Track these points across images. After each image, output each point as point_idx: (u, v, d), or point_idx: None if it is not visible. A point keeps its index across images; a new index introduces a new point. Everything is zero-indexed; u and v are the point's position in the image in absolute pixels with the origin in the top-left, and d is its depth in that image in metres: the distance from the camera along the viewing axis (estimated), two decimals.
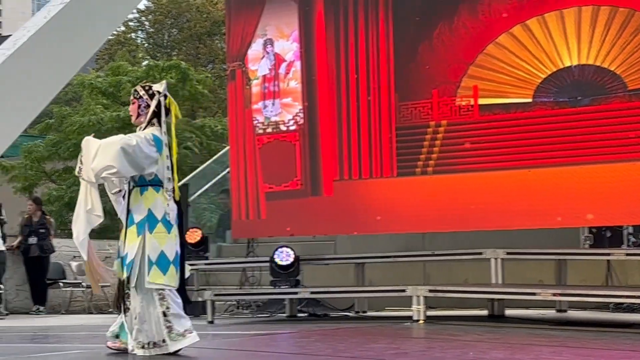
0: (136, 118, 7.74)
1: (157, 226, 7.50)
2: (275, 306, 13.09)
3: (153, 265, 7.44)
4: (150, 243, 7.45)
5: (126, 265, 7.47)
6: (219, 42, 43.00)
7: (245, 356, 7.77)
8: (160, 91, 7.72)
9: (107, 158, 7.36)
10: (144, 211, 7.53)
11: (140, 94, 7.75)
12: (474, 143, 11.47)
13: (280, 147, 13.09)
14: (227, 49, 13.87)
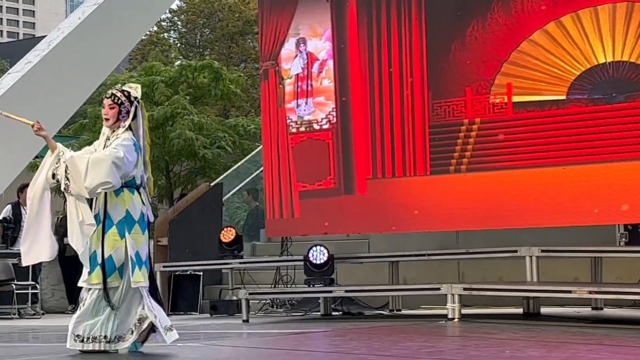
0: (114, 122, 7.83)
1: (134, 227, 7.61)
2: (310, 305, 13.10)
3: (135, 264, 7.53)
4: (129, 243, 7.55)
5: (117, 268, 7.59)
6: (251, 42, 43.07)
7: (281, 355, 7.78)
8: (138, 97, 7.89)
9: (101, 175, 7.48)
10: (122, 212, 7.61)
11: (121, 99, 7.85)
12: (508, 141, 11.43)
13: (314, 146, 13.11)
14: (260, 48, 13.90)
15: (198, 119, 22.83)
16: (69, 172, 7.62)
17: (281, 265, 13.51)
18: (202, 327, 11.43)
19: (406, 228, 12.47)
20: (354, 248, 13.90)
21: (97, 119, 23.64)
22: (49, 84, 15.65)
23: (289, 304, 13.51)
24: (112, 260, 7.62)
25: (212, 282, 14.77)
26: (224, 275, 14.73)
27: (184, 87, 24.10)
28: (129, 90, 7.94)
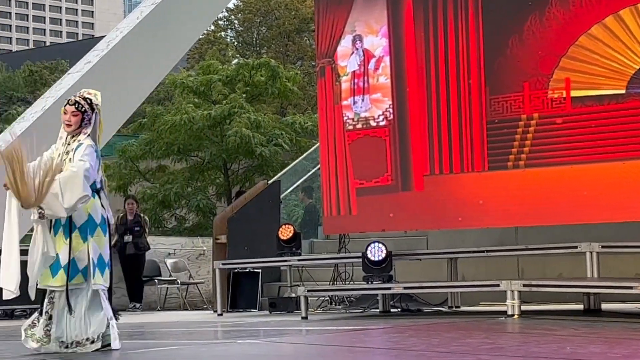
0: (76, 129, 7.94)
1: (96, 230, 7.74)
2: (368, 301, 13.10)
3: (96, 267, 7.66)
4: (92, 247, 7.68)
5: (80, 270, 7.65)
6: (308, 39, 43.17)
7: (341, 351, 7.80)
8: (99, 104, 8.03)
9: (76, 192, 7.58)
10: (84, 216, 7.72)
11: (85, 107, 7.96)
12: (567, 136, 11.36)
13: (371, 143, 13.11)
14: (317, 46, 13.92)
15: (255, 117, 22.93)
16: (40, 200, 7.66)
17: (339, 262, 13.52)
18: (261, 324, 11.48)
19: (464, 224, 12.43)
20: (412, 244, 13.88)
21: (155, 118, 23.86)
22: (108, 83, 15.79)
23: (348, 301, 13.53)
24: (75, 262, 7.67)
25: (271, 279, 14.83)
26: (282, 273, 14.78)
27: (241, 85, 24.22)
28: (91, 98, 8.05)
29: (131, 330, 11.16)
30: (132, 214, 16.56)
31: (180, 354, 7.79)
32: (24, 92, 61.08)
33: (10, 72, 64.63)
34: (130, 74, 16.02)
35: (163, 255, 17.16)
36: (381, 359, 7.12)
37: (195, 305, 16.79)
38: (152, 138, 23.52)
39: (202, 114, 22.73)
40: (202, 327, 11.69)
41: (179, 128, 22.70)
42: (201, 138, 23.16)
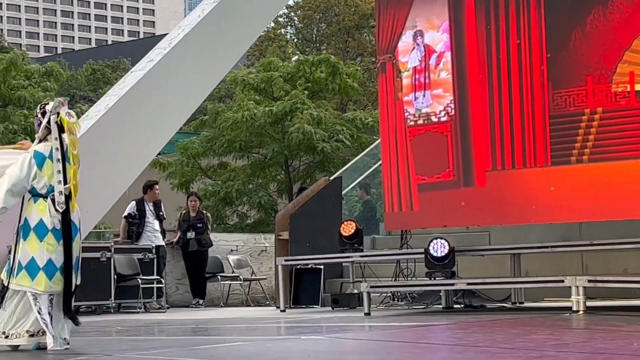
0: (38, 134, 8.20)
1: (29, 234, 7.96)
2: (431, 298, 13.07)
3: (22, 268, 7.88)
4: (21, 249, 7.96)
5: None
6: (368, 35, 43.13)
7: (404, 347, 7.79)
8: (51, 110, 8.11)
9: None
10: (21, 220, 8.02)
11: (37, 113, 8.25)
12: (631, 130, 11.23)
13: (432, 138, 13.07)
14: (377, 42, 13.90)
15: (317, 113, 22.96)
16: None
17: (401, 258, 13.49)
18: (324, 320, 11.51)
19: (527, 220, 12.35)
20: (474, 240, 13.81)
21: (217, 115, 23.98)
22: (170, 81, 15.91)
23: (410, 297, 13.51)
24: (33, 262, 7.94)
25: (333, 276, 14.85)
26: (344, 269, 14.79)
27: (302, 82, 24.26)
28: (46, 103, 8.28)
29: (195, 326, 11.26)
30: (194, 210, 16.66)
31: (244, 350, 7.84)
32: (87, 90, 61.74)
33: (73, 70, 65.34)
34: (192, 71, 16.10)
35: (225, 252, 17.25)
36: (445, 355, 7.10)
37: (257, 302, 16.86)
38: (213, 135, 23.64)
39: (264, 111, 22.81)
40: (265, 323, 11.74)
41: (240, 125, 22.79)
42: (262, 135, 23.23)
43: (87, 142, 15.13)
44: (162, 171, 23.69)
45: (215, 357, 7.21)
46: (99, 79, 68.52)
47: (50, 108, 8.15)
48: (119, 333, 10.42)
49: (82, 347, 8.52)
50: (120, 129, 15.47)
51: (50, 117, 8.09)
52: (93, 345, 8.70)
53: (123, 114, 15.49)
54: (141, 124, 15.60)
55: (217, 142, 23.30)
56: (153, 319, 13.02)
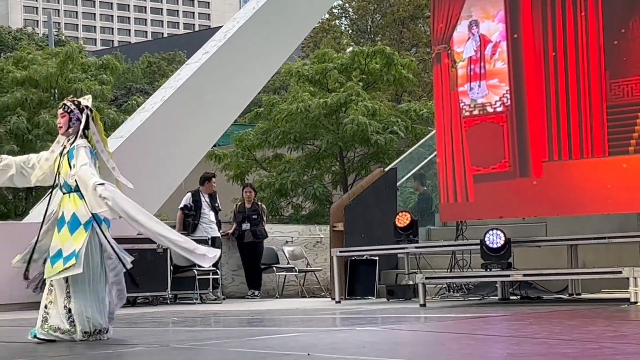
0: (66, 130, 8.20)
1: (63, 227, 8.04)
2: (487, 289, 13.02)
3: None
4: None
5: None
6: (422, 26, 42.98)
7: (460, 339, 7.77)
8: (89, 106, 8.24)
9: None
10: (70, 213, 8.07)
11: (71, 108, 8.21)
12: None
13: (488, 129, 13.01)
14: (432, 32, 13.85)
15: (372, 105, 22.93)
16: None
17: (457, 249, 13.45)
18: (379, 311, 11.50)
19: (584, 210, 12.25)
20: (530, 231, 13.72)
21: (271, 107, 24.04)
22: (225, 73, 15.99)
23: (466, 288, 13.46)
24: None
25: (388, 267, 14.83)
26: (399, 260, 14.77)
27: (356, 73, 24.23)
28: (79, 100, 8.32)
29: (251, 317, 11.30)
30: (250, 202, 16.71)
31: (300, 341, 7.85)
32: (143, 83, 62.17)
33: (130, 63, 65.86)
34: (247, 63, 16.18)
35: (281, 243, 17.30)
36: (502, 346, 7.06)
37: (312, 293, 16.89)
38: (268, 127, 23.69)
39: (318, 102, 22.82)
40: (321, 314, 11.76)
41: (295, 117, 22.83)
42: (317, 126, 23.25)
43: (144, 134, 15.30)
44: (217, 163, 23.80)
45: (271, 348, 7.23)
46: (155, 71, 68.96)
47: (89, 104, 8.27)
48: (176, 324, 10.48)
49: (139, 337, 8.60)
50: (176, 121, 15.59)
51: (88, 113, 8.20)
52: (150, 336, 8.77)
53: (179, 106, 15.60)
54: (197, 116, 15.71)
55: (272, 133, 23.35)
56: (209, 310, 13.09)
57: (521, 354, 6.31)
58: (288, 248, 17.20)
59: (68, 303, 8.00)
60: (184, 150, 15.68)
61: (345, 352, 6.80)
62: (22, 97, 25.56)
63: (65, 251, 7.95)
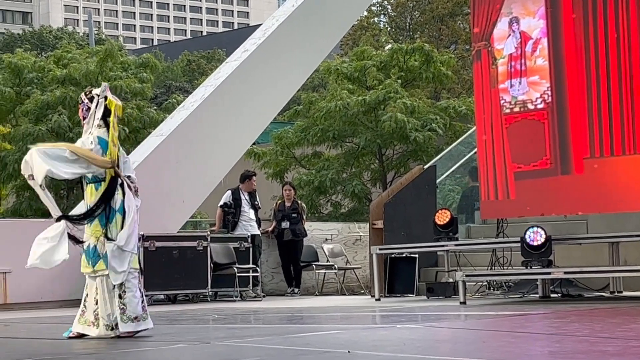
0: (84, 121, 8.28)
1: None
2: (527, 287, 12.97)
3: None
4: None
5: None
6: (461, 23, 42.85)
7: (501, 336, 7.74)
8: (99, 94, 8.20)
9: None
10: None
11: (82, 99, 8.29)
12: None
13: (528, 126, 12.95)
14: (472, 29, 13.80)
15: (410, 102, 22.88)
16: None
17: (497, 247, 13.40)
18: (419, 309, 11.49)
19: (626, 207, 12.16)
20: (571, 229, 13.65)
21: (310, 104, 24.06)
22: (265, 71, 16.02)
23: (506, 286, 13.41)
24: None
25: (428, 264, 14.80)
26: (439, 258, 14.73)
27: (395, 70, 24.19)
28: (91, 89, 8.37)
29: (291, 314, 11.32)
30: (289, 200, 16.73)
31: (340, 338, 7.86)
32: (182, 81, 62.43)
33: (169, 62, 66.16)
34: (286, 61, 16.19)
35: (320, 241, 17.30)
36: (543, 344, 7.03)
37: (352, 290, 16.88)
38: (307, 125, 23.71)
39: (357, 100, 22.80)
40: (361, 311, 11.76)
41: (333, 114, 22.83)
42: (356, 124, 23.24)
43: (184, 132, 15.37)
44: (256, 161, 23.85)
45: (311, 345, 7.24)
46: (194, 69, 69.22)
47: (100, 92, 8.26)
48: (216, 321, 10.52)
49: (180, 334, 8.64)
50: (216, 119, 15.64)
51: (100, 100, 8.20)
52: (190, 333, 8.81)
53: (219, 104, 15.65)
54: (236, 114, 15.75)
55: (311, 131, 23.37)
56: (249, 308, 13.12)
57: (562, 352, 6.28)
58: (327, 246, 17.21)
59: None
60: (224, 148, 15.72)
61: (385, 349, 6.80)
62: (62, 95, 25.72)
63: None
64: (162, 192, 14.93)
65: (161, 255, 14.22)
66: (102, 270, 8.08)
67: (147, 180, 14.92)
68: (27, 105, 25.85)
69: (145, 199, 14.69)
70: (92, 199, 8.15)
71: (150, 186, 14.90)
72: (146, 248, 14.03)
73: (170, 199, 15.07)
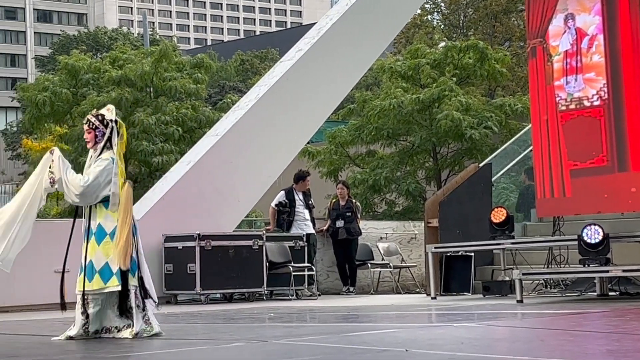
0: (93, 145, 8.44)
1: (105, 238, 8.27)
2: (585, 285, 12.86)
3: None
4: None
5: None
6: (516, 20, 42.59)
7: (559, 335, 7.69)
8: (113, 119, 8.47)
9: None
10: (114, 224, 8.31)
11: (95, 124, 8.44)
12: None
13: (584, 123, 12.86)
14: (527, 26, 13.73)
15: (465, 100, 22.79)
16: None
17: (554, 245, 13.31)
18: (476, 307, 11.44)
19: None
20: (629, 226, 13.50)
21: (364, 103, 24.05)
22: (319, 70, 16.04)
23: (563, 284, 13.31)
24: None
25: (484, 263, 14.73)
26: (495, 256, 14.66)
27: (449, 68, 24.11)
28: (103, 114, 8.52)
29: (347, 313, 11.33)
30: (343, 199, 16.72)
31: (396, 337, 7.86)
32: (236, 81, 62.69)
33: (223, 62, 66.44)
34: (340, 60, 16.20)
35: (375, 239, 17.28)
36: (602, 343, 6.98)
37: (407, 289, 16.85)
38: (361, 123, 23.71)
39: (411, 98, 22.75)
40: (416, 310, 11.74)
41: (387, 113, 22.80)
42: (410, 122, 23.20)
43: (238, 132, 15.44)
44: (310, 160, 23.89)
45: (368, 344, 7.25)
46: (248, 69, 69.47)
47: (113, 117, 8.50)
48: (272, 320, 10.56)
49: (237, 333, 8.68)
50: (270, 119, 15.69)
51: (113, 125, 8.43)
52: (248, 332, 8.85)
53: (273, 103, 15.70)
54: (290, 113, 15.79)
55: (365, 130, 23.37)
56: (305, 306, 13.15)
57: (622, 351, 6.23)
58: (382, 244, 17.19)
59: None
60: (278, 147, 15.77)
61: (442, 348, 6.79)
62: (117, 96, 25.96)
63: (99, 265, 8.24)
64: (217, 192, 15.01)
65: (217, 254, 14.29)
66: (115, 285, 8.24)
67: (202, 179, 15.03)
68: (84, 106, 26.11)
69: (200, 198, 14.88)
70: (101, 217, 8.28)
71: (205, 186, 15.00)
72: (202, 247, 14.12)
73: (226, 199, 15.14)
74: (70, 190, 8.23)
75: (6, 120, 79.95)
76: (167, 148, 25.99)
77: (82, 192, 8.20)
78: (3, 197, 59.80)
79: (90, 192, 8.22)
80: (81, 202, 8.31)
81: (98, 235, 8.26)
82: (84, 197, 8.24)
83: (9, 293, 12.81)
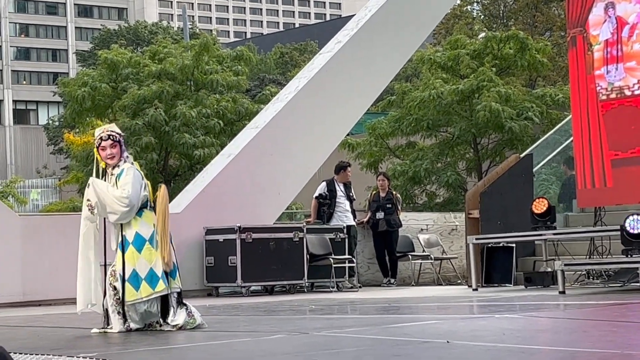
0: (119, 158, 8.48)
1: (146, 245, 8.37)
2: (628, 275, 12.77)
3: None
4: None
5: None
6: (556, 9, 42.30)
7: (602, 326, 7.66)
8: (120, 133, 8.59)
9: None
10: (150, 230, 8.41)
11: (119, 137, 8.52)
12: None
13: (626, 113, 12.77)
14: (567, 16, 13.65)
15: (505, 90, 22.67)
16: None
17: (596, 235, 13.23)
18: (517, 298, 11.41)
19: None
20: None
21: (404, 94, 24.00)
22: (359, 62, 16.03)
23: (606, 275, 13.23)
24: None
25: (525, 254, 14.67)
26: (536, 247, 14.60)
27: (489, 58, 23.99)
28: (114, 129, 8.61)
29: (388, 304, 11.34)
30: (384, 190, 16.71)
31: (438, 328, 7.86)
32: (275, 73, 62.78)
33: (262, 54, 66.55)
34: (379, 52, 16.18)
35: (415, 231, 17.26)
36: None
37: (448, 280, 16.82)
38: (401, 115, 23.66)
39: (451, 89, 22.67)
40: (458, 301, 11.72)
41: (427, 104, 22.75)
42: (450, 113, 23.12)
43: (279, 124, 15.47)
44: (351, 152, 23.89)
45: (410, 335, 7.25)
46: (287, 61, 69.54)
47: (119, 130, 8.62)
48: (313, 312, 10.58)
49: (278, 325, 8.71)
50: (310, 111, 15.71)
51: (121, 139, 8.55)
52: (289, 324, 8.88)
53: (312, 95, 15.71)
54: (330, 105, 15.79)
55: (405, 121, 23.32)
56: (346, 298, 13.16)
57: None
58: (423, 236, 17.16)
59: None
60: (319, 139, 15.79)
61: (484, 339, 6.78)
62: (158, 89, 26.08)
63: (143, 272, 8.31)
64: (257, 184, 15.06)
65: (258, 246, 14.33)
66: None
67: (242, 172, 15.08)
68: (125, 100, 26.28)
69: (241, 191, 14.93)
70: (137, 225, 8.34)
71: (245, 178, 15.05)
72: (243, 240, 14.16)
73: (266, 191, 15.18)
74: (116, 204, 8.26)
75: (48, 115, 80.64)
76: (208, 141, 26.10)
77: (129, 203, 8.24)
78: (45, 191, 60.40)
79: (135, 202, 8.26)
80: (128, 216, 8.31)
81: (137, 243, 8.32)
82: (132, 208, 8.29)
83: (51, 286, 12.94)
